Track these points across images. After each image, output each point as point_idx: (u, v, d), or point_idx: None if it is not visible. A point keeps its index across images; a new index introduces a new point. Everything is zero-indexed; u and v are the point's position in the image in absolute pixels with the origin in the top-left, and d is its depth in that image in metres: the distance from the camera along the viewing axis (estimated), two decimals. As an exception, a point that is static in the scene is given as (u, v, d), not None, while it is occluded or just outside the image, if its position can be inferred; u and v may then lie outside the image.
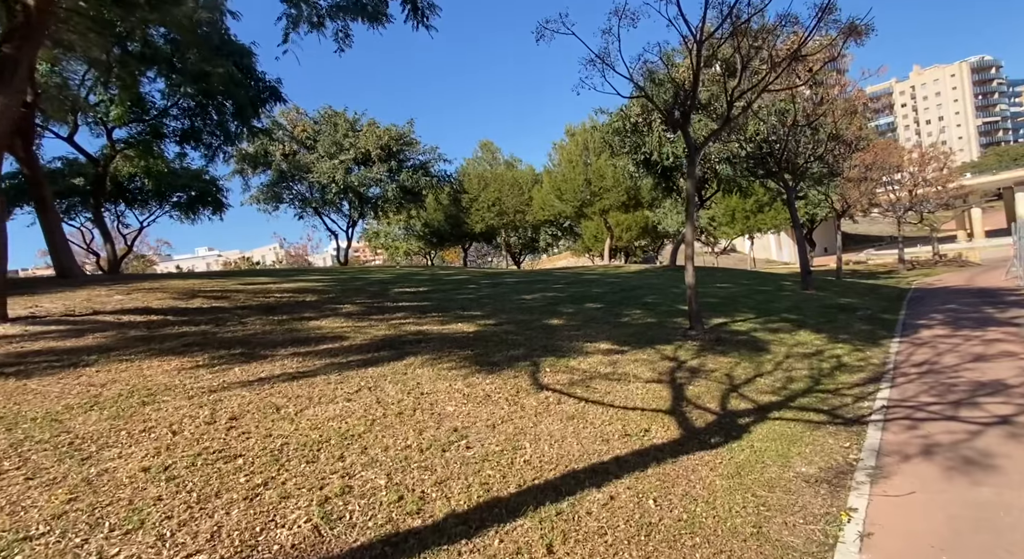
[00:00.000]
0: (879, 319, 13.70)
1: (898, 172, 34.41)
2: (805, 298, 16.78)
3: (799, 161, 19.66)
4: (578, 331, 9.25)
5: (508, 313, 10.58)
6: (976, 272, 29.74)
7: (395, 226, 46.83)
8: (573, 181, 31.98)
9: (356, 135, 32.50)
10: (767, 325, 11.48)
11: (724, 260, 59.26)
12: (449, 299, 12.07)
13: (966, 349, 9.31)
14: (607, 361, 7.45)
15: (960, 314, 13.61)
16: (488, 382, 5.91)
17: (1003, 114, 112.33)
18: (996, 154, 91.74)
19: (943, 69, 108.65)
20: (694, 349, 8.78)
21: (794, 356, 8.93)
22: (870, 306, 16.45)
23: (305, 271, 21.40)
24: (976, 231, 61.13)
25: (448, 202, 37.95)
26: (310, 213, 33.81)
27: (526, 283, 16.72)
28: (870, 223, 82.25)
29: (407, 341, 7.37)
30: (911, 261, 38.30)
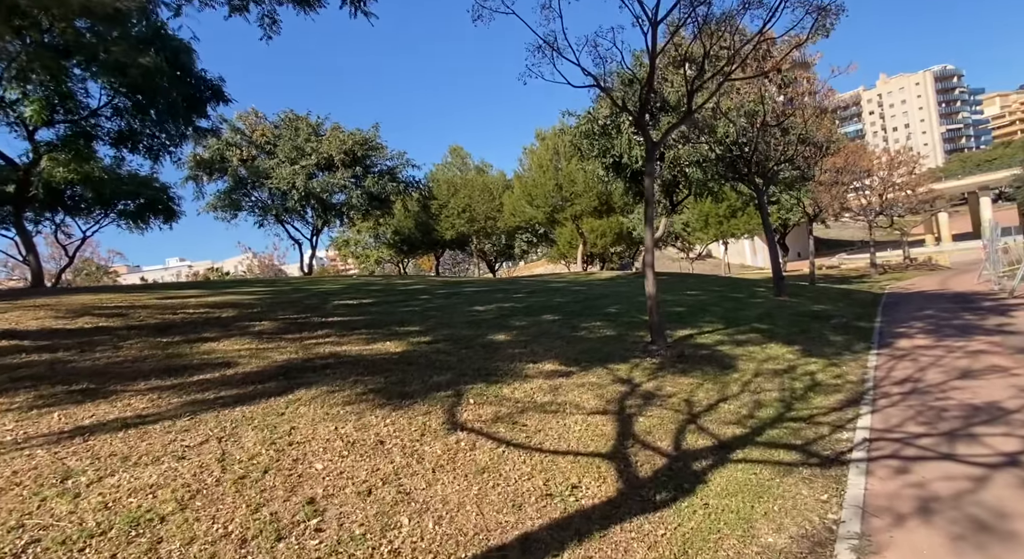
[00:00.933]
0: (854, 328, 12.84)
1: (868, 176, 34.15)
2: (778, 305, 15.91)
3: (769, 163, 18.91)
4: (524, 349, 8.13)
5: (451, 328, 9.42)
6: (947, 276, 29.43)
7: (365, 234, 45.40)
8: (543, 186, 31.00)
9: (319, 140, 31.14)
10: (736, 337, 10.49)
11: (700, 266, 58.88)
12: (391, 312, 10.87)
13: (951, 363, 8.40)
14: (548, 386, 6.33)
15: (939, 321, 12.82)
16: (388, 422, 4.73)
17: (965, 121, 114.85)
18: (960, 160, 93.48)
19: (908, 77, 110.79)
20: (652, 368, 7.72)
21: (764, 374, 7.91)
22: (844, 313, 15.65)
23: (249, 282, 20.02)
24: (944, 235, 61.77)
25: (418, 209, 36.68)
26: (271, 221, 32.26)
27: (486, 292, 15.58)
28: (841, 228, 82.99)
29: (310, 367, 6.16)
30: (883, 265, 38.08)
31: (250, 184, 30.73)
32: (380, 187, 31.73)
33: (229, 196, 30.40)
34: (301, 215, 32.56)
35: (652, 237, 9.30)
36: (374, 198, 32.49)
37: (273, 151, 30.38)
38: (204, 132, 19.84)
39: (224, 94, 18.41)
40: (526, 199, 32.09)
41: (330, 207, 31.53)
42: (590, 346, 8.75)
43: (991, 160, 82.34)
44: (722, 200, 32.60)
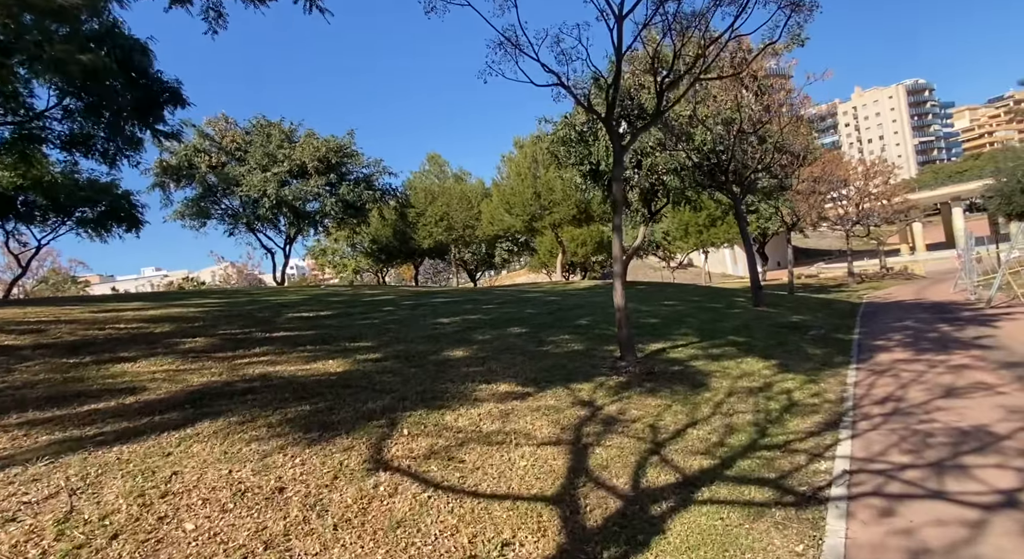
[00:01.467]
0: (833, 340, 12.39)
1: (844, 186, 34.21)
2: (756, 316, 15.46)
3: (746, 172, 18.58)
4: (481, 366, 7.46)
5: (406, 343, 8.72)
6: (923, 285, 29.41)
7: (342, 243, 44.45)
8: (522, 194, 30.45)
9: (292, 147, 30.31)
10: (711, 351, 9.94)
11: (681, 275, 58.78)
12: (346, 326, 10.14)
13: (933, 379, 7.91)
14: (499, 411, 5.67)
15: (918, 333, 12.43)
16: (297, 462, 4.03)
17: (937, 134, 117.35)
18: (932, 171, 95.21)
19: (882, 91, 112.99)
20: (618, 387, 7.10)
21: (738, 393, 7.33)
22: (823, 323, 15.25)
23: (207, 293, 19.13)
24: (918, 244, 62.53)
25: (395, 217, 35.91)
26: (242, 230, 31.25)
27: (455, 303, 14.90)
28: (820, 237, 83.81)
29: (228, 393, 5.43)
30: (860, 274, 38.15)
31: (220, 191, 29.77)
32: (355, 195, 30.96)
33: (197, 204, 29.39)
34: (274, 223, 31.63)
35: (621, 245, 8.73)
36: (349, 206, 31.69)
37: (244, 158, 29.45)
38: (164, 136, 18.96)
39: (182, 97, 17.55)
40: (504, 207, 31.51)
41: (303, 215, 30.64)
42: (554, 363, 8.11)
43: (962, 172, 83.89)
44: (701, 209, 32.35)
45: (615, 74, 8.04)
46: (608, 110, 8.39)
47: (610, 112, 8.36)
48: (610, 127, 8.38)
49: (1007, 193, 25.38)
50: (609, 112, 8.38)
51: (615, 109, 8.37)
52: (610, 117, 8.37)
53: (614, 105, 8.32)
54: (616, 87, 8.19)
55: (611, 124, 8.38)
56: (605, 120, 8.36)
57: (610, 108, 8.37)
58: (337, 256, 45.89)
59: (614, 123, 11.20)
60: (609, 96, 8.29)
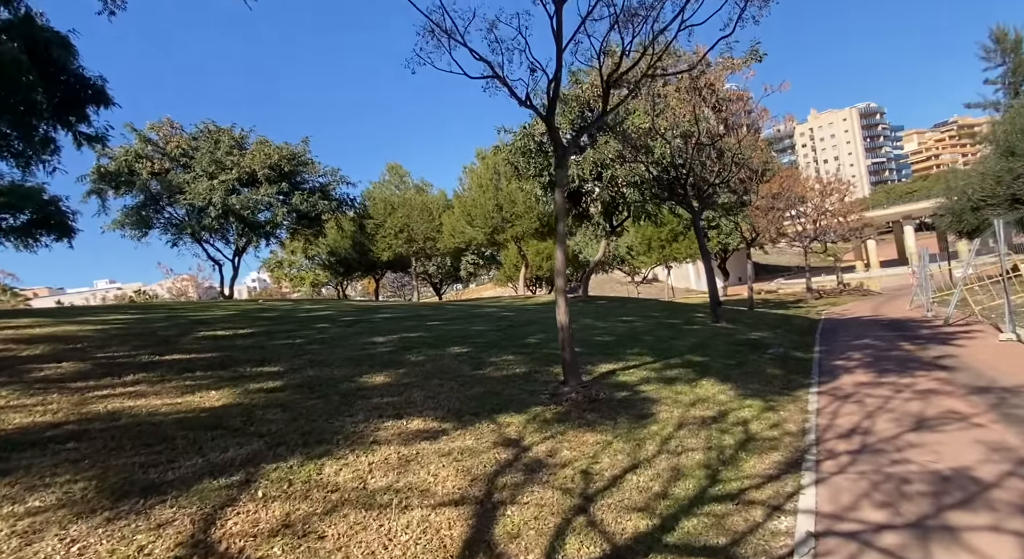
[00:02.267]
0: (793, 359, 11.72)
1: (802, 203, 34.43)
2: (714, 333, 14.77)
3: (705, 186, 18.08)
4: (398, 396, 6.38)
5: (323, 367, 7.58)
6: (880, 301, 29.54)
7: (299, 255, 42.69)
8: (483, 206, 29.55)
9: (242, 154, 28.78)
10: (665, 372, 9.07)
11: (646, 290, 58.64)
12: (260, 346, 8.91)
13: (901, 406, 7.17)
14: (398, 458, 4.60)
15: (879, 352, 11.86)
16: (71, 551, 2.89)
17: (888, 155, 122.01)
18: (884, 191, 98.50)
19: (836, 113, 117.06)
20: (554, 419, 6.11)
21: (689, 425, 6.43)
22: (782, 341, 14.65)
23: (120, 308, 17.57)
24: (872, 261, 64.02)
25: (353, 228, 34.54)
26: (187, 240, 29.41)
27: (400, 319, 13.77)
28: (779, 253, 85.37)
29: (47, 439, 4.21)
30: (818, 290, 38.39)
31: (163, 199, 27.97)
32: (309, 205, 29.55)
33: (138, 212, 27.52)
34: (221, 234, 29.89)
35: (564, 257, 7.80)
36: (303, 216, 30.28)
37: (190, 164, 27.77)
38: (88, 138, 17.38)
39: (106, 96, 16.07)
40: (466, 219, 30.53)
41: (253, 225, 29.01)
42: (487, 389, 7.08)
43: (912, 192, 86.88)
44: (662, 223, 32.03)
45: (556, 67, 7.18)
46: (549, 108, 7.51)
47: (551, 110, 7.48)
48: (550, 126, 7.50)
49: (958, 211, 25.67)
50: (550, 110, 7.50)
51: (556, 107, 7.49)
52: (551, 116, 7.50)
53: (555, 102, 7.44)
54: (557, 82, 7.32)
55: (552, 123, 7.50)
56: (546, 119, 7.48)
57: (551, 106, 7.49)
58: (294, 269, 44.05)
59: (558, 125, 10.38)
60: (550, 91, 7.42)
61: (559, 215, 7.62)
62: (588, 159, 21.70)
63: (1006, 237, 13.19)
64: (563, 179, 7.60)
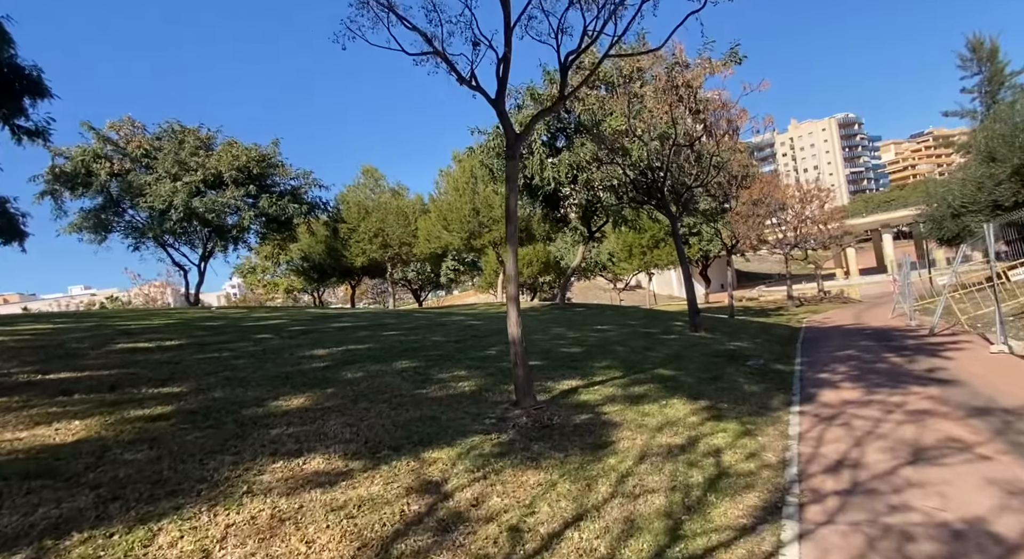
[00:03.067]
0: (773, 372, 10.85)
1: (783, 210, 33.98)
2: (691, 343, 13.90)
3: (682, 189, 17.29)
4: (308, 425, 5.34)
5: (236, 387, 6.51)
6: (860, 309, 29.02)
7: (272, 260, 41.28)
8: (459, 210, 28.56)
9: (208, 155, 27.49)
10: (633, 389, 8.13)
11: (630, 296, 57.95)
12: (175, 361, 7.80)
13: (893, 431, 6.29)
14: (273, 515, 3.57)
15: (864, 364, 11.03)
16: None
17: (866, 165, 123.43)
18: (863, 200, 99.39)
19: (816, 123, 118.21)
20: (493, 452, 5.12)
21: (653, 456, 5.48)
22: (762, 352, 13.82)
23: (48, 316, 16.28)
24: (852, 269, 64.07)
25: (327, 233, 33.32)
26: (149, 244, 27.99)
27: (354, 329, 12.69)
28: (761, 261, 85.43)
29: None
30: (799, 297, 37.92)
31: (124, 202, 26.56)
32: (279, 208, 28.31)
33: (97, 215, 26.07)
34: (187, 238, 28.51)
35: (515, 261, 6.83)
36: (272, 220, 29.06)
37: (152, 165, 26.43)
38: (26, 133, 16.11)
39: (41, 86, 14.77)
40: (441, 224, 29.51)
41: (219, 229, 27.67)
42: (423, 414, 6.07)
43: (889, 201, 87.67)
44: (641, 229, 31.30)
45: (505, 44, 6.25)
46: (498, 90, 6.56)
47: (499, 93, 6.53)
48: (499, 111, 6.54)
49: (938, 218, 25.26)
50: (499, 93, 6.55)
51: (506, 89, 6.54)
52: (500, 99, 6.54)
53: (505, 84, 6.50)
54: (507, 63, 6.38)
55: (501, 108, 6.54)
56: (493, 102, 6.54)
57: (500, 88, 6.54)
58: (268, 275, 42.61)
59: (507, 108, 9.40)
60: (499, 72, 6.47)
61: (509, 213, 6.65)
62: (564, 162, 20.84)
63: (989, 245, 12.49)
64: (514, 172, 6.64)
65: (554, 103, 6.87)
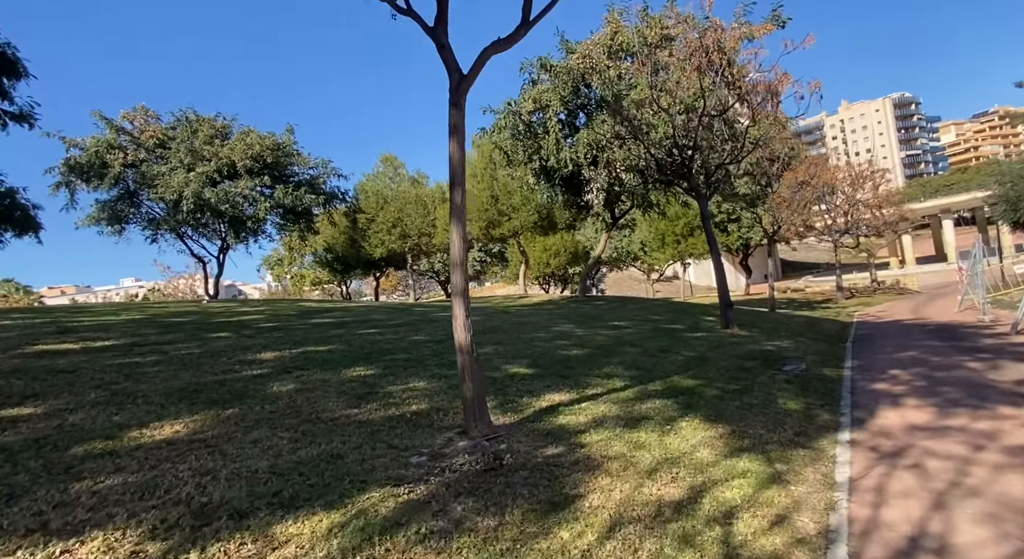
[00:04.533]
0: (816, 380, 8.84)
1: (832, 193, 30.91)
2: (720, 342, 11.92)
3: (712, 164, 15.17)
4: (145, 472, 3.87)
5: (122, 405, 5.16)
6: (920, 301, 25.96)
7: (297, 252, 40.82)
8: (477, 198, 26.93)
9: (222, 144, 26.79)
10: (634, 407, 6.38)
11: (667, 288, 55.28)
12: (74, 370, 6.50)
13: (991, 484, 4.34)
14: None
15: (932, 370, 8.88)
16: None
17: (923, 148, 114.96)
18: (920, 185, 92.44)
19: (869, 104, 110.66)
20: (391, 519, 3.50)
21: (631, 523, 3.75)
22: (804, 352, 11.72)
23: (24, 310, 15.61)
24: (908, 258, 59.34)
25: (346, 223, 32.37)
26: (168, 236, 27.60)
27: (328, 326, 11.33)
28: (808, 250, 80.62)
29: None
30: (849, 289, 34.70)
31: (140, 193, 26.19)
32: (295, 198, 27.43)
33: (112, 207, 25.75)
34: (202, 229, 27.97)
35: (461, 242, 5.16)
36: (289, 211, 28.26)
37: (166, 155, 25.90)
38: (10, 117, 15.42)
39: (18, 67, 14.08)
40: (459, 213, 27.97)
41: (234, 220, 26.98)
42: (326, 451, 4.52)
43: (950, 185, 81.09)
44: (672, 216, 28.96)
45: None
46: (437, 17, 4.87)
47: (439, 20, 4.84)
48: (439, 43, 4.86)
49: (1012, 199, 22.03)
50: (438, 20, 4.86)
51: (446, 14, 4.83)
52: (440, 27, 4.85)
53: (444, 6, 4.80)
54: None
55: (441, 38, 4.85)
56: (432, 31, 4.85)
57: (440, 12, 4.85)
58: (295, 267, 42.24)
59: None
60: None
61: (452, 174, 4.98)
62: (582, 141, 18.90)
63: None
64: (460, 121, 4.95)
65: (515, 31, 5.09)
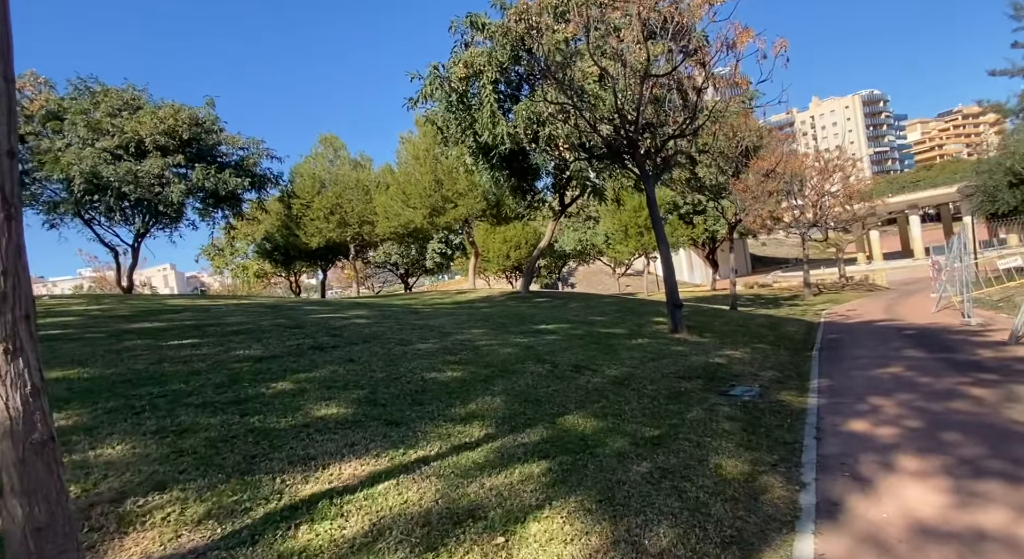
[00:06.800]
0: (772, 414, 6.34)
1: (800, 185, 28.86)
2: (659, 353, 9.42)
3: (659, 136, 12.66)
4: None
5: None
6: (891, 299, 24.02)
7: (241, 242, 37.40)
8: (419, 182, 24.13)
9: (130, 118, 23.44)
10: (464, 492, 3.73)
11: (635, 282, 53.16)
12: None
13: None
14: None
15: (928, 401, 6.44)
16: None
17: (891, 145, 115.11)
18: (887, 181, 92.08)
19: (838, 101, 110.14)
20: None
21: None
22: (762, 365, 9.30)
23: None
24: (875, 253, 58.31)
25: (281, 209, 29.22)
26: (71, 221, 24.18)
27: (164, 331, 8.49)
28: (777, 245, 79.51)
29: None
30: (817, 284, 32.86)
31: (32, 172, 22.71)
32: (216, 180, 24.26)
33: (-1, 186, 22.22)
34: (111, 215, 24.59)
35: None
36: (211, 195, 25.09)
37: (61, 129, 22.46)
38: None
39: None
40: (401, 199, 25.11)
41: (145, 204, 23.68)
42: None
43: (916, 182, 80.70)
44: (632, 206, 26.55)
45: None
46: None
47: None
48: None
49: (991, 189, 20.04)
50: None
51: None
52: None
53: None
54: None
55: None
56: None
57: None
58: (237, 257, 38.82)
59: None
60: None
61: None
62: (521, 114, 16.20)
63: None
64: None
65: None
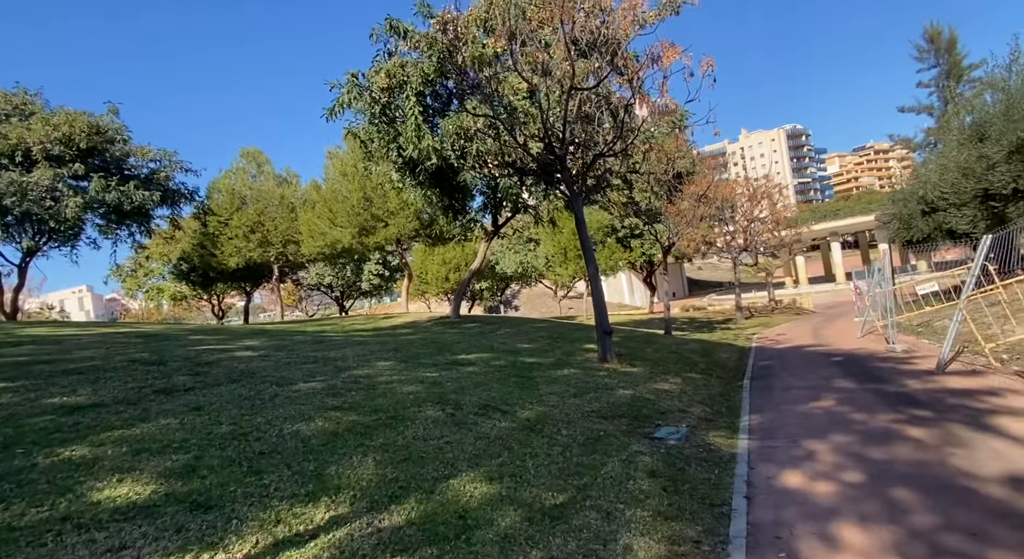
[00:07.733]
0: (696, 463, 5.45)
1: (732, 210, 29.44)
2: (585, 385, 8.46)
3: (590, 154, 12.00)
4: None
5: None
6: (817, 322, 24.44)
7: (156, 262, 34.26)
8: (347, 199, 22.65)
9: (19, 124, 20.86)
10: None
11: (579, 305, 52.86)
12: None
13: None
14: None
15: (864, 445, 5.70)
16: None
17: (812, 176, 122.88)
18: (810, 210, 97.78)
19: (766, 134, 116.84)
20: None
21: None
22: (692, 398, 8.51)
23: None
24: (801, 278, 61.03)
25: (199, 227, 26.83)
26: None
27: None
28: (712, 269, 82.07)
29: None
30: (748, 308, 33.46)
31: None
32: (119, 195, 21.85)
33: None
34: (1, 231, 21.62)
35: None
36: (114, 210, 22.58)
37: (-71, 133, 19.63)
38: None
39: None
40: (328, 217, 23.49)
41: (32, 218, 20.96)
42: None
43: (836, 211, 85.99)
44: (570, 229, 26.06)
45: None
46: None
47: None
48: None
49: (906, 217, 20.75)
50: None
51: None
52: None
53: None
54: None
55: None
56: None
57: None
58: (152, 279, 35.52)
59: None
60: None
61: None
62: (449, 128, 15.23)
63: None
64: None
65: None
